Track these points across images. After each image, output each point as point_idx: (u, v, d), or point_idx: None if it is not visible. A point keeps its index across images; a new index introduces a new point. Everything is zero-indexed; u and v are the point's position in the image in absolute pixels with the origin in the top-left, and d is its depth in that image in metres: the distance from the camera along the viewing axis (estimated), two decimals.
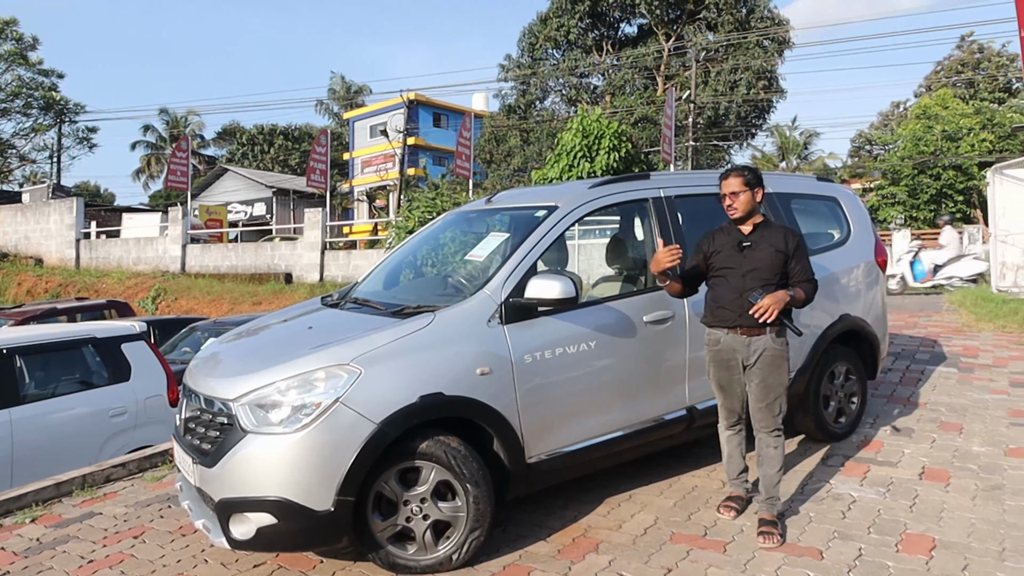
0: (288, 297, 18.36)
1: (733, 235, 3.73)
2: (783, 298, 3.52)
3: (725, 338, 3.69)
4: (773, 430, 3.67)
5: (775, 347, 3.63)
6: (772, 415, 3.65)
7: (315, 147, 24.11)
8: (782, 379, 3.65)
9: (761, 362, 3.61)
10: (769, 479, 3.69)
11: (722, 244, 3.73)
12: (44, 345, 6.13)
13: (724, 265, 3.69)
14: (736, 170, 3.73)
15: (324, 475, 3.10)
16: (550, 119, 33.63)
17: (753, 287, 3.58)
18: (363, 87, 49.29)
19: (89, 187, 56.79)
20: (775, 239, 3.65)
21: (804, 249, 3.69)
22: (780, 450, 3.69)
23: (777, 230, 3.72)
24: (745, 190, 3.65)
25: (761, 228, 3.71)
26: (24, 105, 30.93)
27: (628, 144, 17.02)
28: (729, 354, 3.69)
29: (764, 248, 3.63)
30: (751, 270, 3.62)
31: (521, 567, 3.41)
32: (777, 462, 3.68)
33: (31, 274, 24.98)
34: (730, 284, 3.66)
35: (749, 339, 3.63)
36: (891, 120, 43.58)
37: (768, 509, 3.69)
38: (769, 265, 3.61)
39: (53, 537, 4.17)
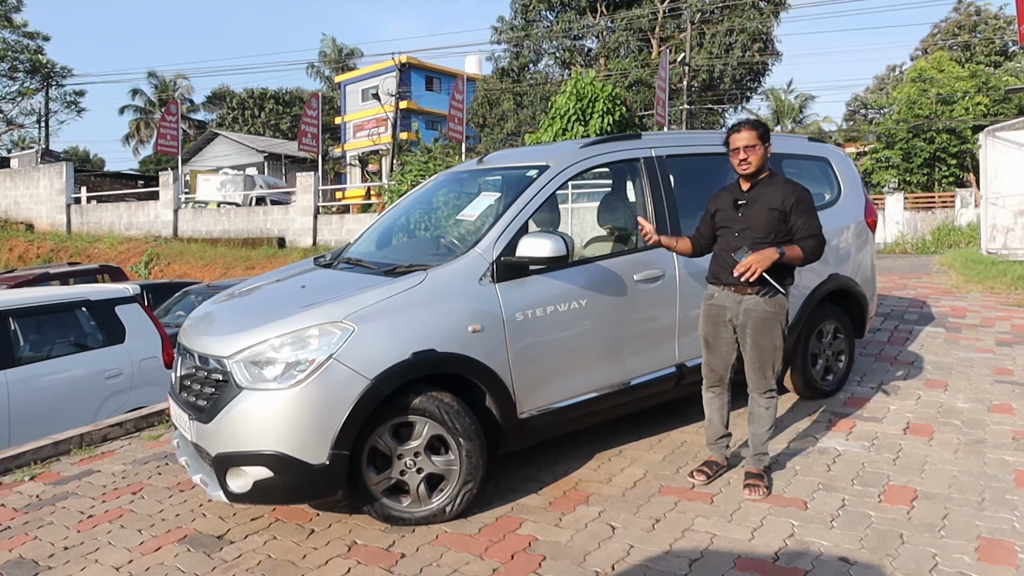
0: (281, 261, 18.33)
1: (734, 192, 3.70)
2: (769, 256, 3.40)
3: (719, 293, 3.69)
4: (765, 391, 3.67)
5: (767, 308, 3.56)
6: (764, 377, 3.64)
7: (306, 111, 23.87)
8: (775, 341, 3.60)
9: (752, 323, 3.58)
10: (758, 436, 3.71)
11: (723, 202, 3.71)
12: (38, 307, 6.14)
13: (723, 223, 3.68)
14: (749, 123, 3.63)
15: (319, 430, 3.15)
16: (544, 82, 33.34)
17: (744, 244, 3.53)
18: (354, 50, 48.65)
19: (78, 152, 56.22)
20: (772, 196, 3.55)
21: (808, 204, 3.55)
22: (772, 411, 3.70)
23: (777, 187, 3.59)
24: (759, 144, 3.55)
25: (760, 185, 3.61)
26: (10, 68, 30.46)
27: (622, 107, 16.94)
28: (719, 310, 3.68)
29: (759, 206, 3.56)
30: (744, 228, 3.58)
31: (513, 519, 3.49)
32: (767, 421, 3.69)
33: (22, 240, 24.84)
34: (726, 242, 3.65)
35: (740, 297, 3.60)
36: (887, 84, 43.31)
37: (756, 463, 3.73)
38: (763, 223, 3.53)
39: (52, 494, 4.23)
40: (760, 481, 3.63)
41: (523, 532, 3.36)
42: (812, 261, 3.59)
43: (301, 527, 3.54)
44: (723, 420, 3.83)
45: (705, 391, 3.85)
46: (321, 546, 3.34)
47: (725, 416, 3.83)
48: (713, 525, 3.33)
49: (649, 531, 3.31)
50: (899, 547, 3.08)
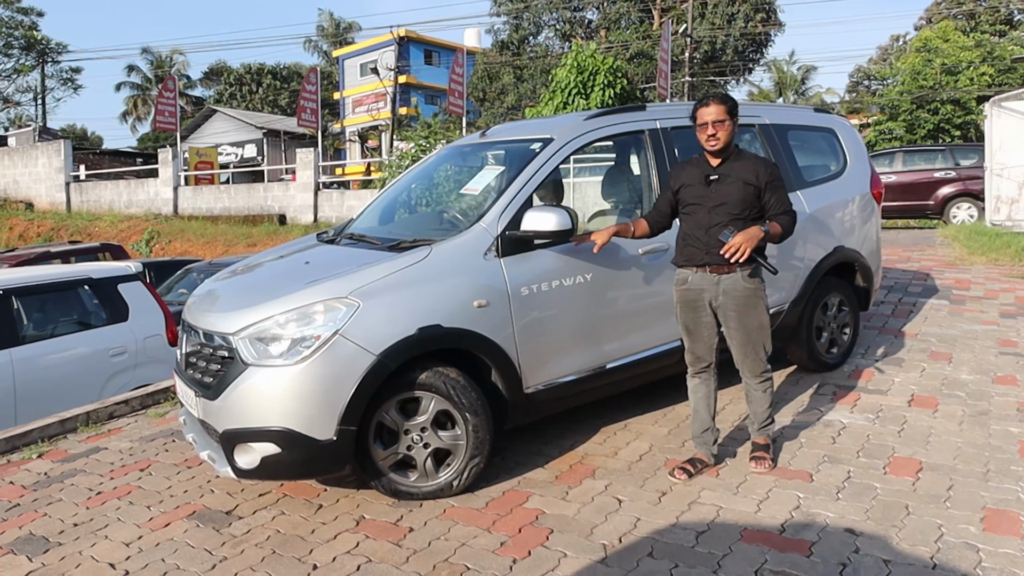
0: (282, 238, 18.29)
1: (702, 167, 3.53)
2: (756, 235, 3.31)
3: (693, 277, 3.51)
4: (760, 374, 3.57)
5: (748, 286, 3.43)
6: (757, 358, 3.53)
7: (305, 86, 23.65)
8: (761, 319, 3.48)
9: (734, 304, 3.44)
10: (759, 414, 3.66)
11: (690, 178, 3.53)
12: (41, 286, 6.13)
13: (691, 200, 3.51)
14: (717, 97, 3.47)
15: (326, 405, 3.16)
16: (544, 55, 33.02)
17: (720, 222, 3.39)
18: (352, 24, 48.19)
19: (76, 130, 55.91)
20: (745, 171, 3.42)
21: (780, 180, 3.48)
22: (769, 391, 3.63)
23: (748, 161, 3.48)
24: (728, 119, 3.41)
25: (731, 160, 3.48)
26: (4, 45, 30.18)
27: (624, 80, 16.77)
28: (696, 294, 3.52)
29: (732, 181, 3.42)
30: (718, 205, 3.42)
31: (520, 492, 3.51)
32: (766, 401, 3.62)
33: (22, 218, 24.77)
34: (697, 220, 3.48)
35: (718, 277, 3.45)
36: (890, 54, 42.86)
37: (762, 434, 3.69)
38: (738, 199, 3.40)
39: (61, 471, 4.25)
40: (766, 453, 3.63)
41: (530, 506, 3.37)
42: (787, 237, 3.51)
43: (309, 502, 3.56)
44: (710, 410, 3.63)
45: (691, 378, 3.68)
46: (329, 521, 3.36)
47: (712, 405, 3.65)
48: (719, 498, 3.34)
49: (656, 504, 3.32)
50: (904, 518, 3.09)
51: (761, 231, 3.34)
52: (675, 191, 3.60)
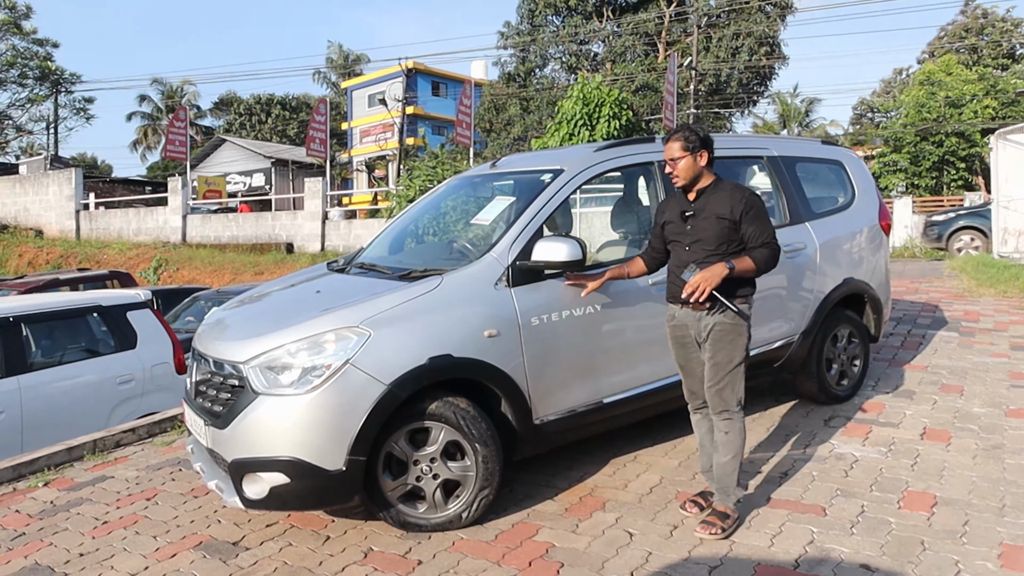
0: (290, 267, 18.37)
1: (680, 202, 3.43)
2: (718, 273, 3.14)
3: (679, 313, 3.41)
4: (722, 412, 3.33)
5: (726, 321, 3.28)
6: (722, 397, 3.31)
7: (314, 116, 23.94)
8: (734, 357, 3.29)
9: (711, 338, 3.30)
10: (722, 467, 3.34)
11: (671, 214, 3.45)
12: (50, 313, 6.15)
13: (672, 237, 3.43)
14: (677, 133, 3.35)
15: (335, 435, 3.14)
16: (550, 87, 33.38)
17: (696, 259, 3.27)
18: (361, 56, 48.87)
19: (87, 158, 56.51)
20: (719, 205, 3.28)
21: (758, 210, 3.28)
22: (735, 436, 3.32)
23: (724, 193, 3.31)
24: (685, 155, 3.29)
25: (707, 194, 3.34)
26: (20, 75, 30.62)
27: (629, 112, 16.90)
28: (683, 330, 3.42)
29: (706, 216, 3.30)
30: (694, 241, 3.31)
31: (530, 525, 3.47)
32: (730, 449, 3.32)
33: (32, 245, 24.96)
34: (677, 257, 3.40)
35: (699, 314, 3.32)
36: (893, 87, 43.20)
37: (721, 499, 3.35)
38: (712, 235, 3.27)
39: (67, 500, 4.23)
40: (719, 520, 3.26)
41: (540, 539, 3.34)
42: (766, 271, 3.33)
43: (317, 533, 3.52)
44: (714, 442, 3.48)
45: (692, 413, 3.59)
46: (337, 552, 3.32)
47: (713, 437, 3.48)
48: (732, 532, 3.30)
49: (667, 538, 3.28)
50: (921, 554, 3.05)
51: (725, 268, 3.16)
52: (661, 226, 3.52)
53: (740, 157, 4.95)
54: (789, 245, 4.62)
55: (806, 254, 4.69)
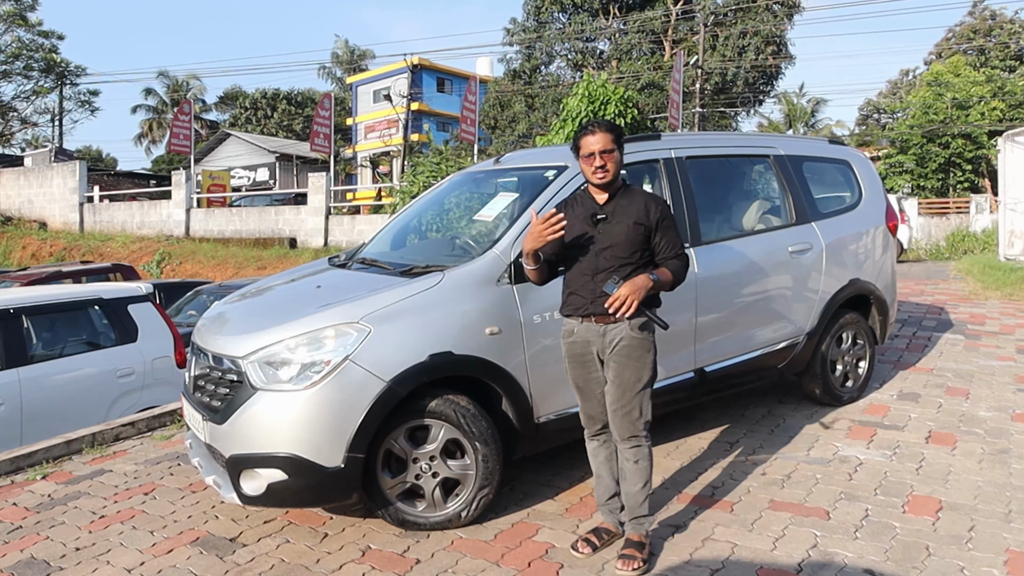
0: (293, 261, 18.36)
1: (587, 206, 3.13)
2: (644, 285, 2.92)
3: (579, 328, 3.10)
4: (630, 438, 3.03)
5: (634, 336, 3.01)
6: (629, 421, 3.02)
7: (318, 111, 23.91)
8: (642, 376, 3.02)
9: (616, 355, 3.02)
10: (632, 497, 3.07)
11: (574, 218, 3.11)
12: (51, 306, 6.13)
13: (576, 243, 3.09)
14: (602, 124, 3.08)
15: (334, 432, 3.11)
16: (555, 84, 33.31)
17: (608, 267, 3.01)
18: (366, 51, 48.77)
19: (91, 151, 56.56)
20: (635, 210, 3.04)
21: (672, 219, 3.10)
22: (644, 462, 3.06)
23: (638, 198, 3.09)
24: (615, 149, 3.04)
25: (619, 197, 3.09)
26: (25, 67, 30.61)
27: (634, 110, 16.83)
28: (583, 347, 3.10)
29: (621, 221, 3.03)
30: (605, 248, 3.03)
31: (529, 525, 3.44)
32: (640, 478, 3.05)
33: (35, 238, 24.99)
34: (582, 266, 3.08)
35: (604, 328, 3.04)
36: (900, 88, 43.07)
37: (634, 528, 3.10)
38: (626, 241, 3.01)
39: (64, 493, 4.21)
40: (638, 552, 3.02)
41: (540, 539, 3.30)
42: (679, 284, 3.11)
43: (314, 530, 3.49)
44: (612, 473, 3.21)
45: (588, 441, 3.26)
46: (335, 550, 3.29)
47: (615, 467, 3.20)
48: (733, 534, 3.26)
49: (668, 539, 3.25)
50: (926, 559, 3.01)
51: (650, 280, 2.95)
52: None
53: (745, 156, 4.91)
54: (795, 245, 4.59)
55: (812, 254, 4.65)
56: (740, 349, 4.36)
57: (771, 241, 4.57)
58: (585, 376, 3.15)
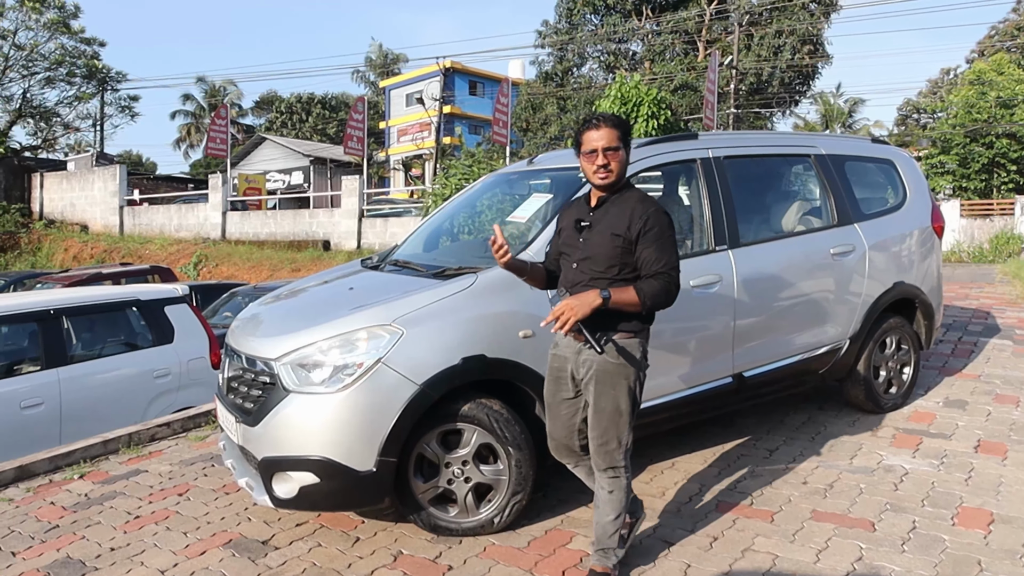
0: (326, 263, 18.50)
1: (580, 209, 2.92)
2: (588, 302, 2.60)
3: (562, 340, 2.90)
4: (607, 468, 2.84)
5: (608, 361, 2.74)
6: (606, 451, 2.81)
7: (352, 114, 24.09)
8: (618, 403, 2.78)
9: (593, 379, 2.79)
10: (602, 527, 2.88)
11: (567, 221, 2.93)
12: (90, 307, 6.22)
13: (563, 250, 2.92)
14: (608, 118, 2.78)
15: (366, 435, 3.08)
16: (587, 86, 33.16)
17: (581, 281, 2.77)
18: (399, 55, 49.14)
19: (131, 156, 57.77)
20: (616, 219, 2.75)
21: (661, 231, 2.71)
22: (618, 495, 2.86)
23: (625, 206, 2.77)
24: (621, 147, 2.77)
25: (609, 203, 2.82)
26: (68, 74, 31.33)
27: (667, 111, 16.68)
28: (562, 362, 2.90)
29: (600, 231, 2.77)
30: (583, 259, 2.80)
31: (563, 532, 3.37)
32: (612, 509, 2.86)
33: (77, 240, 25.56)
34: (565, 276, 2.88)
35: (578, 346, 2.81)
36: (940, 87, 42.09)
37: (601, 559, 2.90)
38: (603, 255, 2.74)
39: (101, 493, 4.24)
40: None
41: (574, 547, 3.23)
42: (657, 308, 2.77)
43: (346, 534, 3.47)
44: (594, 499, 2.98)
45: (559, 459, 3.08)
46: (366, 555, 3.26)
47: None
48: (775, 545, 3.16)
49: (707, 550, 3.16)
50: (978, 575, 2.88)
51: (598, 297, 2.61)
52: (558, 234, 3.00)
53: (785, 155, 4.80)
54: (837, 247, 4.46)
55: (854, 256, 4.51)
56: (780, 354, 4.24)
57: (812, 243, 4.45)
58: (554, 393, 2.94)
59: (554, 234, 3.06)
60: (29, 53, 29.65)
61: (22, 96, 30.78)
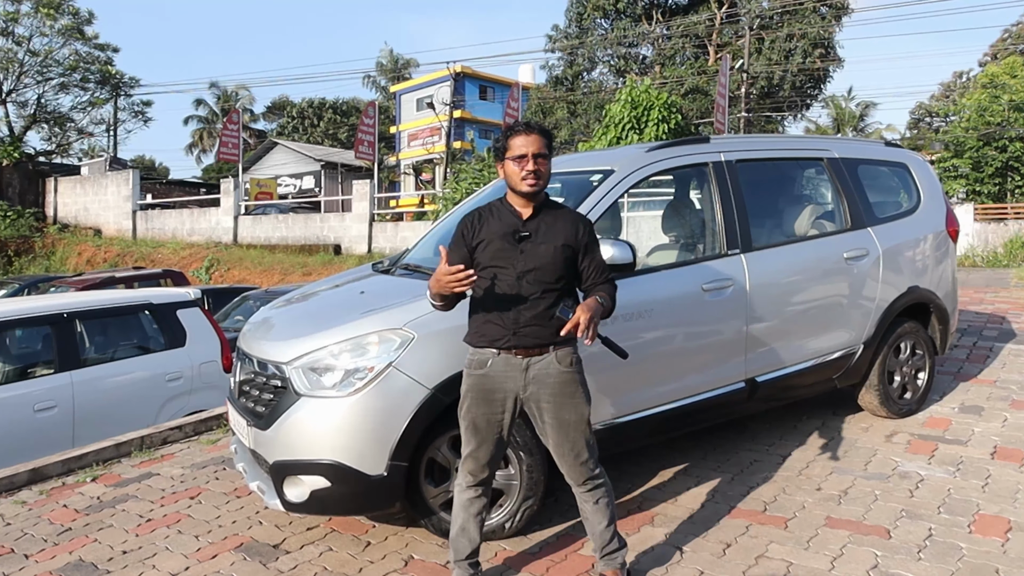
0: (337, 268, 18.55)
1: (506, 220, 2.77)
2: (597, 310, 2.60)
3: (495, 361, 2.74)
4: (585, 481, 2.81)
5: (564, 372, 2.73)
6: (580, 463, 2.78)
7: (363, 119, 24.20)
8: (581, 411, 2.76)
9: (549, 393, 2.73)
10: (600, 536, 2.86)
11: (491, 233, 2.75)
12: (103, 310, 6.25)
13: (493, 263, 2.74)
14: (535, 126, 2.76)
15: (377, 440, 3.07)
16: (598, 90, 33.15)
17: (532, 293, 2.69)
18: (410, 60, 49.26)
19: (144, 160, 58.15)
20: (564, 229, 2.73)
21: (597, 241, 2.85)
22: (604, 499, 2.84)
23: (566, 216, 2.80)
24: (548, 155, 2.73)
25: (544, 214, 2.76)
26: (81, 79, 31.55)
27: (678, 115, 16.66)
28: (497, 383, 2.74)
29: (547, 241, 2.71)
30: (529, 270, 2.70)
31: (575, 537, 3.35)
32: (604, 515, 2.84)
33: (90, 244, 25.75)
34: (503, 290, 2.72)
35: (527, 361, 2.72)
36: (953, 91, 41.83)
37: (608, 564, 2.88)
38: (551, 264, 2.70)
39: (113, 496, 4.26)
40: None
41: (585, 552, 3.21)
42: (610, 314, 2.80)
43: (357, 539, 3.46)
44: (480, 528, 2.87)
45: (463, 490, 2.85)
46: (377, 559, 3.25)
47: (482, 524, 2.89)
48: (789, 552, 3.13)
49: (720, 556, 3.13)
50: None
51: (599, 303, 2.65)
52: (472, 248, 2.80)
53: (798, 159, 4.77)
54: (850, 251, 4.43)
55: (868, 261, 4.48)
56: (793, 359, 4.21)
57: (825, 247, 4.42)
58: (488, 415, 2.77)
59: (463, 246, 2.81)
60: (44, 59, 29.92)
61: (37, 101, 31.03)
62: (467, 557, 2.86)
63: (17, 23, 28.60)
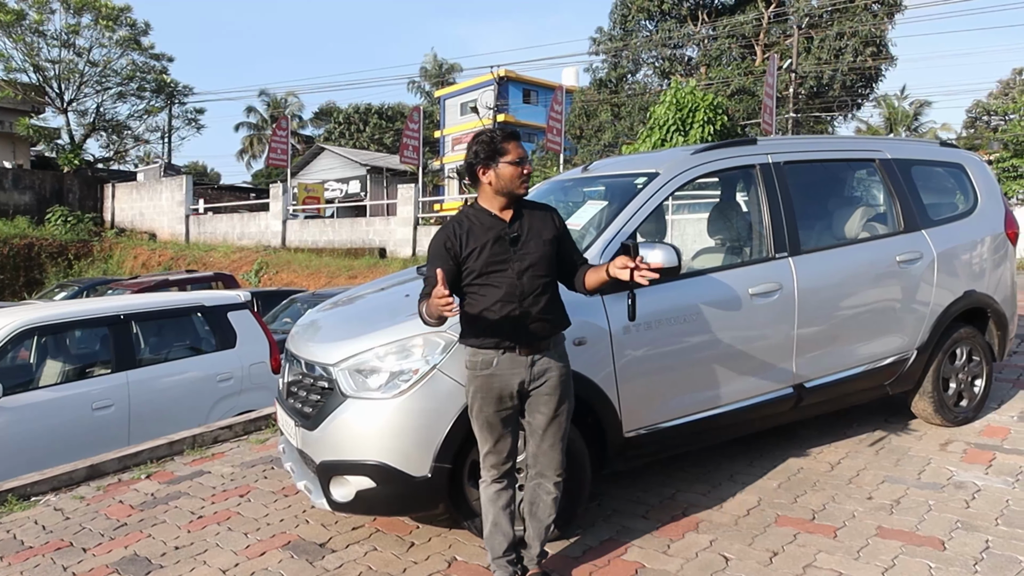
0: (382, 271, 18.75)
1: (491, 224, 2.88)
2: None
3: (501, 360, 2.84)
4: (560, 473, 2.93)
5: (562, 366, 2.91)
6: (559, 453, 2.91)
7: (408, 124, 24.41)
8: (572, 404, 2.95)
9: (551, 387, 2.86)
10: (539, 531, 2.96)
11: (480, 241, 2.84)
12: (157, 312, 6.44)
13: (490, 268, 2.83)
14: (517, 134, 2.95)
15: (422, 441, 3.10)
16: (642, 92, 32.90)
17: (535, 290, 2.83)
18: (454, 65, 49.66)
19: (197, 166, 59.69)
20: (543, 224, 2.92)
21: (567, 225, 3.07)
22: (558, 496, 2.95)
23: (541, 211, 2.98)
24: None
25: (523, 213, 2.93)
26: (138, 88, 32.49)
27: (724, 117, 16.43)
28: (504, 382, 2.84)
29: (537, 237, 2.88)
30: (527, 268, 2.83)
31: (618, 543, 3.33)
32: (553, 510, 2.94)
33: (145, 248, 26.48)
34: (505, 291, 2.81)
35: (532, 358, 2.85)
36: (1012, 88, 40.42)
37: (537, 562, 2.99)
38: (544, 259, 2.87)
39: (166, 493, 4.38)
40: None
41: (629, 558, 3.19)
42: None
43: (401, 539, 3.50)
44: (511, 521, 2.95)
45: (489, 484, 2.93)
46: (421, 560, 3.28)
47: (514, 516, 2.98)
48: (838, 562, 3.06)
49: (766, 565, 3.08)
50: None
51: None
52: (462, 259, 2.85)
53: (849, 160, 4.67)
54: (903, 254, 4.32)
55: (922, 264, 4.36)
56: (843, 364, 4.13)
57: (877, 250, 4.32)
58: (499, 412, 2.87)
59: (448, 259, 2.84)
60: (102, 69, 30.90)
61: (96, 110, 32.07)
62: (504, 553, 2.92)
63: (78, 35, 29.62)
